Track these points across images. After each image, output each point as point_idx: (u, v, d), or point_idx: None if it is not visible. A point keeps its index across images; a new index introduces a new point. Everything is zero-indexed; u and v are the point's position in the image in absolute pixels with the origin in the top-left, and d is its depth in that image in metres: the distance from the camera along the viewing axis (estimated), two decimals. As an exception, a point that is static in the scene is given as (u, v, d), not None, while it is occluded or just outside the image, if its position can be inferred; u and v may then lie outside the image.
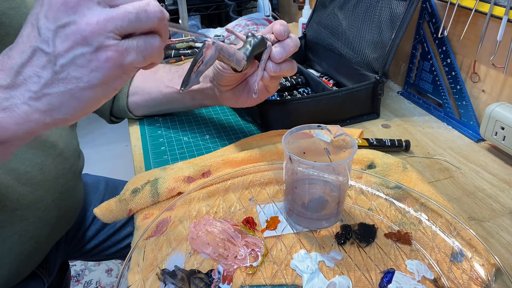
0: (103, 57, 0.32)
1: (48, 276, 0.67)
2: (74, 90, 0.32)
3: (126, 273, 0.44)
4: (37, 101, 0.32)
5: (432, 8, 0.76)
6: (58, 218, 0.62)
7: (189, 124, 0.77)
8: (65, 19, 0.31)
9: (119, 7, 0.32)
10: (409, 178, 0.56)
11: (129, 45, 0.33)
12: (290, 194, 0.50)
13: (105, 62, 0.32)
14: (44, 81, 0.32)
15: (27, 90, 0.32)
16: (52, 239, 0.64)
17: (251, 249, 0.47)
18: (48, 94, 0.32)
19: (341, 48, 0.84)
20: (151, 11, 0.33)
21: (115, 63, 0.32)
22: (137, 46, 0.33)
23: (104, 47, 0.32)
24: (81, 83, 0.32)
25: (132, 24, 0.33)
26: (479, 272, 0.43)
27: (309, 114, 0.70)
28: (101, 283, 1.48)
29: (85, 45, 0.31)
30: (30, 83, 0.32)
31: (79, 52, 0.31)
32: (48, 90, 0.32)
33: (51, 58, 0.31)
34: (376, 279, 0.43)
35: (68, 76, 0.32)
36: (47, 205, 0.58)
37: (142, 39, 0.34)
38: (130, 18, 0.32)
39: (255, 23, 1.18)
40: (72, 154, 0.65)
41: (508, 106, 0.62)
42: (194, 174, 0.57)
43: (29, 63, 0.32)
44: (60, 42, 0.31)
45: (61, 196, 0.61)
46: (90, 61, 0.32)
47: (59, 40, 0.31)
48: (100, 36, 0.31)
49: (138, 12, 0.32)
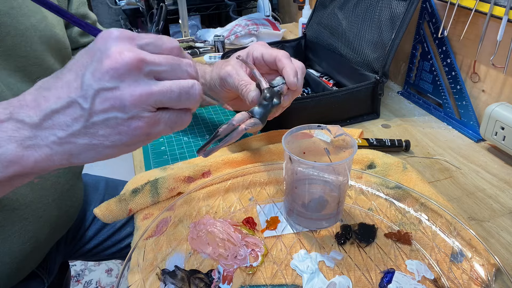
0: (134, 125, 0.32)
1: (48, 276, 0.67)
2: (97, 145, 0.33)
3: (126, 273, 0.44)
4: (59, 146, 0.33)
5: (432, 8, 0.76)
6: (58, 218, 0.62)
7: (189, 124, 0.77)
8: (111, 84, 0.31)
9: (164, 83, 0.32)
10: (409, 178, 0.56)
11: (161, 118, 0.33)
12: (290, 194, 0.50)
13: (134, 130, 0.33)
14: (72, 131, 0.32)
15: (53, 135, 0.32)
16: (52, 239, 0.64)
17: (251, 249, 0.47)
18: (72, 143, 0.33)
19: (341, 48, 0.84)
20: (193, 94, 0.34)
21: (143, 132, 0.33)
22: (168, 119, 0.34)
23: (138, 117, 0.32)
24: (106, 141, 0.33)
25: (172, 102, 0.33)
26: (479, 272, 0.43)
27: (309, 114, 0.70)
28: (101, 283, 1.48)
29: (122, 112, 0.32)
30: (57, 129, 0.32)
31: (113, 115, 0.32)
32: (72, 139, 0.33)
33: (85, 114, 0.32)
34: (376, 279, 0.43)
35: (96, 133, 0.32)
36: (47, 204, 0.58)
37: (175, 114, 0.34)
38: (171, 97, 0.33)
39: (255, 23, 1.18)
40: None
41: (508, 106, 0.62)
42: (194, 174, 0.57)
43: (62, 111, 0.32)
44: (99, 102, 0.31)
45: (61, 195, 0.61)
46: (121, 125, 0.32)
47: (99, 100, 0.31)
48: (138, 107, 0.32)
49: (180, 93, 0.33)
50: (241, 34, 1.16)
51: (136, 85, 0.31)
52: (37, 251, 0.60)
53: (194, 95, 0.34)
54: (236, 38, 1.16)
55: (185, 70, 0.34)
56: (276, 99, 0.51)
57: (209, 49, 1.15)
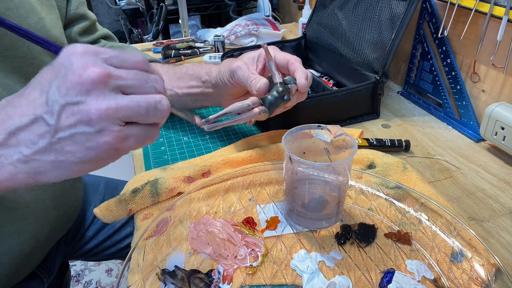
0: (102, 140, 0.32)
1: (48, 276, 0.67)
2: (64, 162, 0.33)
3: (126, 273, 0.44)
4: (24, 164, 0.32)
5: (432, 8, 0.76)
6: (57, 218, 0.62)
7: (189, 124, 0.77)
8: (77, 98, 0.30)
9: (132, 97, 0.32)
10: (409, 178, 0.56)
11: (130, 133, 0.33)
12: (290, 194, 0.50)
13: (102, 145, 0.32)
14: (38, 148, 0.32)
15: (18, 152, 0.32)
16: (52, 239, 0.64)
17: (251, 249, 0.47)
18: (38, 160, 0.32)
19: (341, 48, 0.84)
20: (161, 109, 0.34)
21: (112, 147, 0.33)
22: (137, 134, 0.34)
23: (106, 131, 0.32)
24: (72, 157, 0.32)
25: (140, 117, 0.33)
26: (479, 272, 0.43)
27: (309, 114, 0.70)
28: (101, 283, 1.48)
29: (89, 126, 0.31)
30: (22, 147, 0.32)
31: (80, 130, 0.31)
32: (38, 157, 0.32)
33: (51, 130, 0.31)
34: (376, 279, 0.43)
35: (63, 149, 0.32)
36: (46, 204, 0.58)
37: (143, 130, 0.34)
38: (139, 112, 0.32)
39: (255, 23, 1.18)
40: None
41: (508, 106, 0.62)
42: (194, 174, 0.57)
43: (27, 129, 0.32)
44: (65, 117, 0.31)
45: (60, 195, 0.61)
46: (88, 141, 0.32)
47: (65, 115, 0.31)
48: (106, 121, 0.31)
49: (148, 108, 0.33)
50: (241, 34, 1.16)
51: (103, 99, 0.31)
52: (36, 251, 0.60)
53: (162, 110, 0.34)
54: (236, 38, 1.16)
55: (152, 85, 0.34)
56: (287, 96, 0.52)
57: (209, 49, 1.15)
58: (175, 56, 1.09)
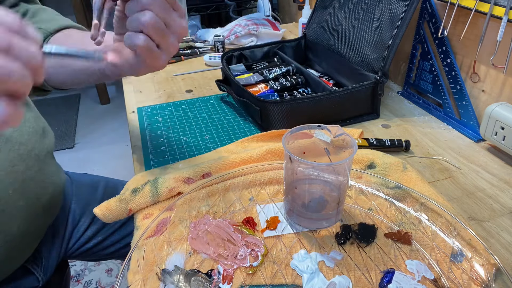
0: None
1: (44, 274, 0.66)
2: None
3: (126, 273, 0.44)
4: None
5: (432, 8, 0.76)
6: (28, 208, 0.58)
7: (189, 124, 0.77)
8: None
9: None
10: (409, 178, 0.56)
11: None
12: (290, 194, 0.50)
13: None
14: None
15: None
16: (31, 231, 0.60)
17: (251, 249, 0.47)
18: None
19: (341, 48, 0.84)
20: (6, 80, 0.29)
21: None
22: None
23: None
24: None
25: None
26: (479, 272, 0.43)
27: (309, 114, 0.70)
28: (101, 283, 1.48)
29: None
30: None
31: None
32: None
33: None
34: (376, 279, 0.43)
35: None
36: (8, 196, 0.55)
37: None
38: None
39: (255, 23, 1.18)
40: (28, 137, 0.60)
41: (508, 106, 0.62)
42: (194, 176, 0.57)
43: None
44: None
45: (24, 184, 0.57)
46: None
47: None
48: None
49: None
50: (241, 34, 1.16)
51: None
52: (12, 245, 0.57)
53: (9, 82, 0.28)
54: (236, 38, 1.16)
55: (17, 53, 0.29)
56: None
57: (209, 49, 1.15)
58: (175, 56, 1.09)
